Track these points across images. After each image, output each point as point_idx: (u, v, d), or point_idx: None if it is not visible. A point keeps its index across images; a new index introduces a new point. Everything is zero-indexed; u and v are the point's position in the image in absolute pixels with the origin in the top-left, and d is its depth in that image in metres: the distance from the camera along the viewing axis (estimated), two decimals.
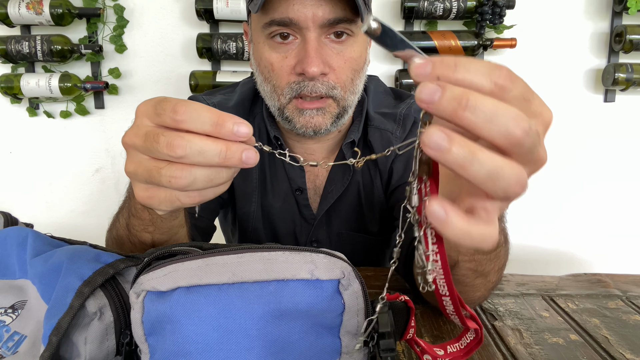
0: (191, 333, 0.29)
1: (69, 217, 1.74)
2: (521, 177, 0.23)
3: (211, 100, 0.80)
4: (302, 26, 0.60)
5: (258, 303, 0.30)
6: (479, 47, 1.57)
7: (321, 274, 0.31)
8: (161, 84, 1.68)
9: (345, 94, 0.66)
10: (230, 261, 0.30)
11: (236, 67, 1.65)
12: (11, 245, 0.41)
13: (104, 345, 0.33)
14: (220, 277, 0.30)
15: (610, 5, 1.62)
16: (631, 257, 1.74)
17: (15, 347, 0.34)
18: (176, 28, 1.64)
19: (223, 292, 0.30)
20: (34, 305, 0.37)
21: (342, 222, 0.80)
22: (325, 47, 0.62)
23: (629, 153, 1.72)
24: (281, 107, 0.66)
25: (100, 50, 1.59)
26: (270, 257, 0.30)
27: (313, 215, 0.79)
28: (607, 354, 0.49)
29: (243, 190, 0.79)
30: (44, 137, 1.71)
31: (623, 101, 1.69)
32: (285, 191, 0.79)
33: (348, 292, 0.31)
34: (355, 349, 0.32)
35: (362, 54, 0.67)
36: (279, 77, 0.64)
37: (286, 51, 0.63)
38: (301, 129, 0.66)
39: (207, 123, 0.30)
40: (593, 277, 0.70)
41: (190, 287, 0.30)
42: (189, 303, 0.29)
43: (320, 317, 0.31)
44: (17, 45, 1.54)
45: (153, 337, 0.31)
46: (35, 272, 0.37)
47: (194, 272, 0.30)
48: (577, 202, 1.74)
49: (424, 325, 0.55)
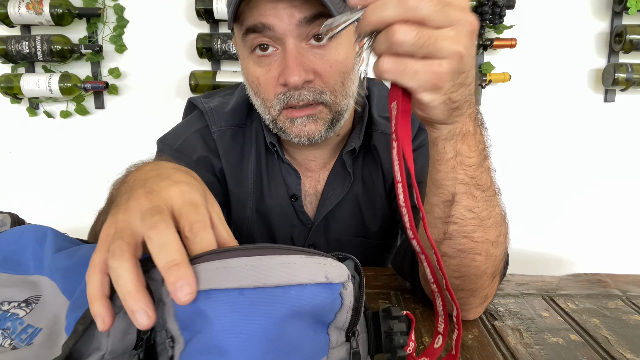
0: (212, 339, 0.29)
1: (68, 218, 1.74)
2: (432, 70, 0.35)
3: (208, 104, 0.79)
4: (279, 32, 0.59)
5: (281, 307, 0.29)
6: (479, 47, 1.57)
7: (334, 277, 0.31)
8: (161, 84, 1.68)
9: (337, 98, 0.64)
10: (250, 263, 0.30)
11: (236, 67, 1.65)
12: (27, 242, 0.41)
13: (125, 338, 0.33)
14: (241, 282, 0.29)
15: (610, 5, 1.62)
16: (631, 257, 1.74)
17: (29, 338, 0.35)
18: (176, 28, 1.64)
19: (245, 297, 0.29)
20: (48, 300, 0.37)
21: (341, 227, 0.79)
22: (307, 54, 0.61)
23: (629, 153, 1.72)
24: (273, 119, 0.66)
25: (100, 50, 1.59)
26: (290, 261, 0.30)
27: (310, 221, 0.79)
28: (607, 354, 0.49)
29: (238, 196, 0.79)
30: (44, 137, 1.71)
31: (623, 101, 1.69)
32: (282, 196, 0.78)
33: (347, 291, 0.32)
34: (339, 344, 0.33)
35: (349, 55, 0.65)
36: (266, 90, 0.64)
37: (269, 64, 0.62)
38: (295, 139, 0.65)
39: (124, 290, 0.29)
40: (593, 277, 0.70)
41: (209, 291, 0.29)
42: (210, 308, 0.29)
43: (322, 316, 0.32)
44: (17, 45, 1.54)
45: (187, 331, 0.30)
46: (58, 267, 0.37)
47: (212, 275, 0.29)
48: (577, 202, 1.74)
49: (424, 325, 0.55)
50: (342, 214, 0.78)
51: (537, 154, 1.72)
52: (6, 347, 0.34)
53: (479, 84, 1.60)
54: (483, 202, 0.48)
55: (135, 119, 1.69)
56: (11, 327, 0.36)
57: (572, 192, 1.74)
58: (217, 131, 0.77)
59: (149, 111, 1.69)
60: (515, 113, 1.69)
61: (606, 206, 1.74)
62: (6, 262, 0.40)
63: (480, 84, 1.61)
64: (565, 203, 1.74)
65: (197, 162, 0.76)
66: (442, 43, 0.34)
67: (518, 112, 1.69)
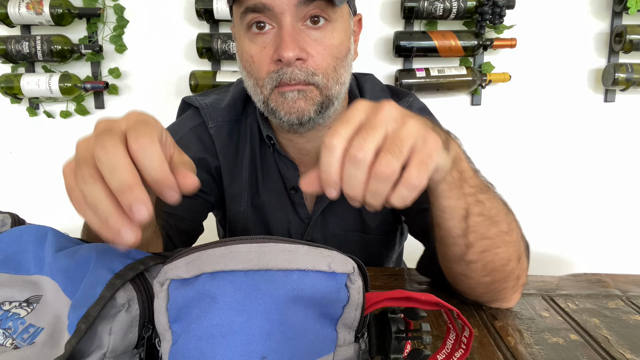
0: (216, 317, 0.30)
1: (68, 218, 1.74)
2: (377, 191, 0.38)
3: (204, 100, 0.80)
4: (277, 11, 0.60)
5: (283, 289, 0.30)
6: (479, 47, 1.57)
7: (337, 267, 0.32)
8: (161, 84, 1.68)
9: (329, 82, 0.65)
10: (254, 249, 0.31)
11: (236, 67, 1.65)
12: (27, 241, 0.41)
13: (127, 337, 0.33)
14: (246, 264, 0.30)
15: (610, 5, 1.62)
16: (631, 257, 1.74)
17: (31, 338, 0.35)
18: (176, 28, 1.64)
19: (249, 278, 0.30)
20: (50, 300, 0.37)
21: (339, 222, 0.79)
22: (302, 34, 0.62)
23: (629, 153, 1.72)
24: (265, 99, 0.66)
25: (100, 50, 1.59)
26: (292, 249, 0.32)
27: (308, 215, 0.79)
28: (607, 354, 0.49)
29: (232, 191, 0.79)
30: (44, 137, 1.71)
31: (623, 101, 1.69)
32: (278, 190, 0.78)
33: (354, 286, 0.33)
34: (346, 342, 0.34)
35: (344, 42, 0.66)
36: (259, 68, 0.64)
37: (264, 41, 0.63)
38: (285, 117, 0.65)
39: (117, 179, 0.30)
40: (593, 277, 0.70)
41: (215, 273, 0.30)
42: (216, 287, 0.30)
43: (328, 307, 0.32)
44: (17, 45, 1.54)
45: (178, 323, 0.31)
46: (59, 266, 0.37)
47: (218, 259, 0.30)
48: (577, 201, 1.74)
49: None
50: (340, 208, 0.78)
51: (537, 154, 1.72)
52: (8, 346, 0.34)
53: (479, 85, 1.61)
54: (488, 202, 0.51)
55: None
56: (13, 327, 0.36)
57: (572, 192, 1.74)
58: (214, 127, 0.77)
59: (149, 111, 1.68)
60: (515, 113, 1.69)
61: (606, 206, 1.74)
62: (7, 262, 0.40)
63: (480, 84, 1.61)
64: (565, 203, 1.74)
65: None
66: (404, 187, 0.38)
67: (518, 112, 1.69)
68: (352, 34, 0.70)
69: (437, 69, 1.58)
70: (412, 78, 1.57)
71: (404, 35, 1.56)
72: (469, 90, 1.64)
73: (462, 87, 1.60)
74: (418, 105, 0.81)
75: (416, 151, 0.38)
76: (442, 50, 1.56)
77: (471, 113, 1.70)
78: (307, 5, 0.61)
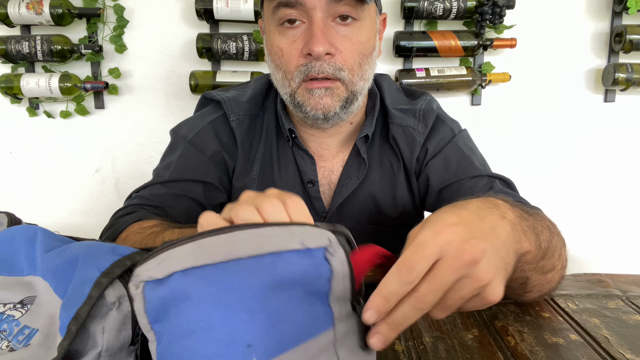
0: (194, 313, 0.29)
1: (68, 217, 1.74)
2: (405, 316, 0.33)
3: (225, 95, 0.81)
4: (309, 7, 0.62)
5: (256, 276, 0.30)
6: (479, 47, 1.57)
7: (311, 242, 0.31)
8: (161, 84, 1.68)
9: (354, 78, 0.67)
10: (222, 241, 0.30)
11: (236, 67, 1.65)
12: (19, 242, 0.41)
13: (120, 334, 0.33)
14: (215, 257, 0.30)
15: (610, 5, 1.62)
16: (631, 257, 1.74)
17: (26, 340, 0.35)
18: (176, 28, 1.64)
19: (220, 270, 0.30)
20: (44, 301, 0.37)
21: (355, 216, 0.80)
22: (332, 30, 0.65)
23: (629, 153, 1.72)
24: (292, 92, 0.68)
25: (100, 50, 1.59)
26: (260, 233, 0.31)
27: (324, 209, 0.79)
28: (607, 354, 0.49)
29: (240, 184, 0.80)
30: (44, 137, 1.71)
31: (623, 101, 1.69)
32: (293, 183, 0.79)
33: (335, 258, 0.32)
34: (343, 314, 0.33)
35: (370, 39, 0.69)
36: (289, 61, 0.66)
37: (294, 35, 0.66)
38: (311, 112, 0.67)
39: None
40: (593, 277, 0.70)
41: (186, 270, 0.30)
42: (189, 285, 0.30)
43: (312, 285, 0.31)
44: (17, 45, 1.53)
45: (159, 323, 0.31)
46: (49, 267, 0.37)
47: (188, 256, 0.30)
48: (577, 202, 1.74)
49: (424, 324, 0.55)
50: (357, 202, 0.79)
51: (537, 154, 1.72)
52: (4, 349, 0.34)
53: (479, 85, 1.60)
54: (548, 262, 0.50)
55: (135, 119, 1.69)
56: (8, 329, 0.35)
57: (572, 192, 1.74)
58: (236, 120, 0.79)
59: (149, 111, 1.69)
60: (515, 113, 1.69)
61: (606, 206, 1.74)
62: (0, 264, 0.40)
63: (480, 84, 1.61)
64: (565, 203, 1.74)
65: (211, 158, 0.78)
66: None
67: (518, 112, 1.69)
68: (377, 32, 0.72)
69: (437, 69, 1.58)
70: (412, 78, 1.57)
71: (404, 35, 1.57)
72: (469, 90, 1.64)
73: (462, 87, 1.60)
74: (434, 104, 0.82)
75: (475, 299, 0.35)
76: (442, 50, 1.56)
77: (471, 113, 1.70)
78: (338, 2, 0.63)
